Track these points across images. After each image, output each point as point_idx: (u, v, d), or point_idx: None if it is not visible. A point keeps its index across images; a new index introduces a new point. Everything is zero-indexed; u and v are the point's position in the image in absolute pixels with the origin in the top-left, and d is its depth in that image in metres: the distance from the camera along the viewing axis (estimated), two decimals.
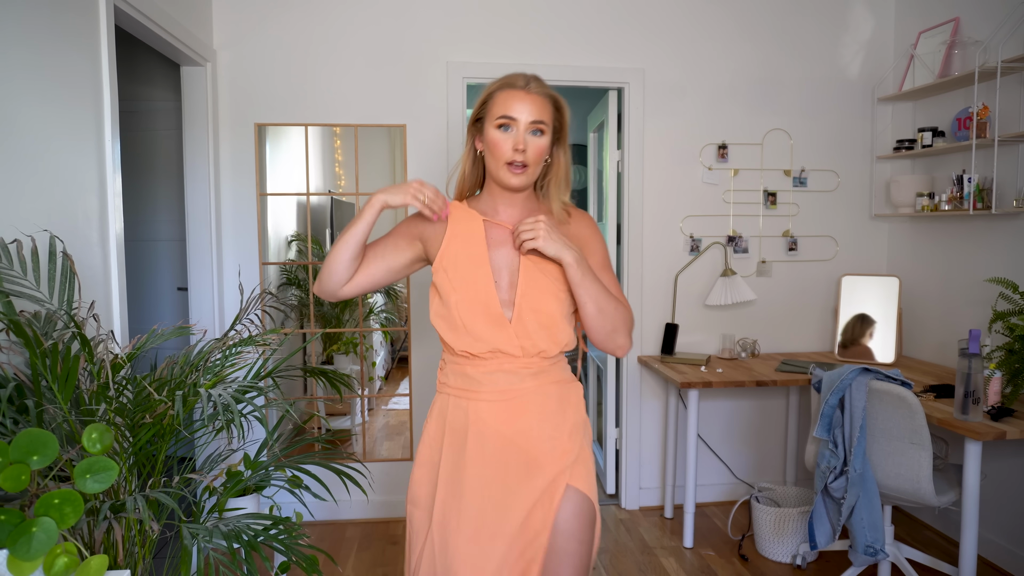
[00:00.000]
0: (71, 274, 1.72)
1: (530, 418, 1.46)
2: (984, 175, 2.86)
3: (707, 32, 3.38)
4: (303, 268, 3.75)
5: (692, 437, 2.98)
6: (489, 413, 1.46)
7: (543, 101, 1.44)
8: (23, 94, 1.78)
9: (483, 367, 1.46)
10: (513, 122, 1.42)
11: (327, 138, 3.79)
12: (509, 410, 1.46)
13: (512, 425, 1.46)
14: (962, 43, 2.96)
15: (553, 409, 1.49)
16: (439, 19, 3.22)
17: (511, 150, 1.42)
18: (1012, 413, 2.33)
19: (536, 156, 1.44)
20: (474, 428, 1.46)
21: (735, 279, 3.34)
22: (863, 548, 2.32)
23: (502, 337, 1.43)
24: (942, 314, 3.22)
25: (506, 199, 1.52)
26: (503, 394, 1.47)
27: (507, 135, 1.42)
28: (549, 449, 1.46)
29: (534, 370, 1.48)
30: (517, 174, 1.44)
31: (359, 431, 3.82)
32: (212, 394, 1.58)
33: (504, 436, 1.46)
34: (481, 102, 1.47)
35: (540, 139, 1.44)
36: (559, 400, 1.50)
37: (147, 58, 3.92)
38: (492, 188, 1.52)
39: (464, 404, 1.48)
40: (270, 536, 1.68)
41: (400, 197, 1.41)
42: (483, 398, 1.47)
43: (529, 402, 1.47)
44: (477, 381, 1.47)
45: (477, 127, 1.50)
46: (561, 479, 1.44)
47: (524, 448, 1.45)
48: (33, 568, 1.11)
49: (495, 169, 1.46)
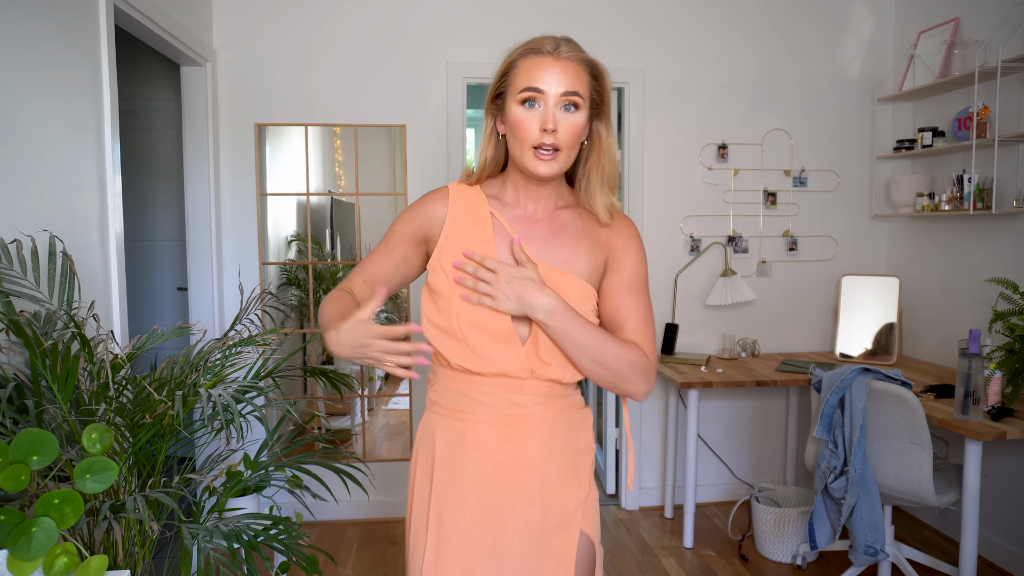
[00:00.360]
0: (71, 274, 1.72)
1: (535, 447, 1.24)
2: (984, 175, 2.86)
3: (707, 32, 3.38)
4: (303, 268, 3.75)
5: (692, 437, 2.98)
6: (487, 438, 1.24)
7: (577, 68, 1.16)
8: (23, 94, 1.78)
9: (482, 387, 1.23)
10: (540, 95, 1.15)
11: (327, 138, 3.78)
12: (511, 436, 1.24)
13: (513, 453, 1.24)
14: (962, 43, 2.96)
15: (561, 437, 1.26)
16: (439, 19, 3.22)
17: (538, 130, 1.15)
18: (1012, 413, 2.33)
19: (570, 137, 1.16)
20: (471, 455, 1.24)
21: (735, 279, 3.34)
22: (863, 548, 2.32)
23: (510, 357, 1.20)
24: (942, 314, 3.21)
25: (530, 190, 1.25)
26: (505, 417, 1.24)
27: (533, 112, 1.15)
28: (559, 485, 1.25)
29: (543, 395, 1.25)
30: (546, 159, 1.16)
31: (359, 431, 3.82)
32: (212, 394, 1.58)
33: (504, 467, 1.23)
34: (501, 73, 1.20)
35: (574, 116, 1.16)
36: (568, 429, 1.28)
37: (147, 58, 3.92)
38: (515, 176, 1.25)
39: (459, 426, 1.25)
40: (270, 536, 1.68)
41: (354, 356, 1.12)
42: (481, 419, 1.24)
43: (535, 428, 1.24)
44: (475, 401, 1.24)
45: (497, 104, 1.23)
46: (574, 524, 1.25)
47: (529, 483, 1.24)
48: (33, 568, 1.11)
49: (520, 155, 1.18)
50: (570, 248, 1.25)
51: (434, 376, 1.30)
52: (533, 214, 1.26)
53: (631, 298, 1.25)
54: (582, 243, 1.26)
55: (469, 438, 1.24)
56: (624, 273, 1.26)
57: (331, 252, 3.95)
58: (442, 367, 1.27)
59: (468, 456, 1.23)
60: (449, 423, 1.26)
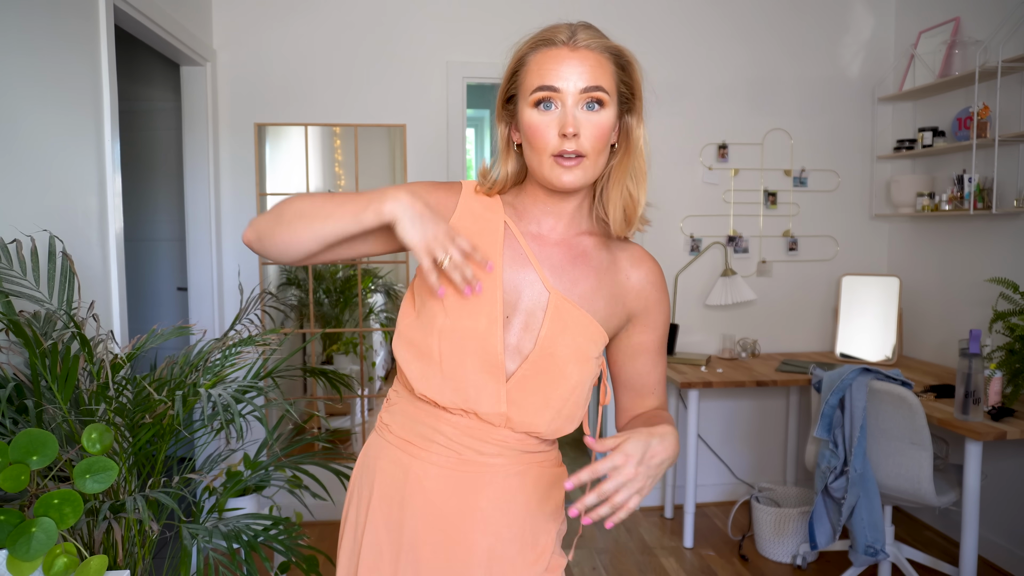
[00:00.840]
0: (71, 274, 1.72)
1: (488, 505, 1.03)
2: (984, 175, 2.86)
3: (707, 32, 3.38)
4: (303, 268, 3.75)
5: (692, 437, 2.98)
6: (436, 482, 1.03)
7: (598, 58, 0.97)
8: (23, 94, 1.78)
9: (443, 423, 1.03)
10: (556, 95, 0.95)
11: (327, 138, 3.78)
12: (464, 484, 1.03)
13: (462, 508, 1.03)
14: (962, 43, 2.96)
15: (523, 500, 1.06)
16: (439, 19, 3.22)
17: (557, 136, 0.95)
18: (1012, 413, 2.33)
19: (596, 141, 0.96)
20: (412, 501, 1.04)
21: (735, 279, 3.34)
22: (863, 548, 2.32)
23: (487, 394, 1.00)
24: (942, 314, 3.21)
25: (550, 204, 1.05)
26: (462, 463, 1.03)
27: (549, 116, 0.96)
28: (514, 554, 1.05)
29: (512, 448, 1.04)
30: (570, 167, 0.96)
31: (359, 431, 3.82)
32: (212, 394, 1.58)
33: (451, 522, 1.03)
34: (511, 72, 1.02)
35: (599, 115, 0.96)
36: (533, 489, 1.07)
37: (147, 58, 3.92)
38: (534, 188, 1.05)
39: (405, 461, 1.05)
40: (270, 536, 1.68)
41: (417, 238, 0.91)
42: (432, 460, 1.03)
43: (491, 482, 1.03)
44: (428, 437, 1.04)
45: (509, 110, 1.04)
46: None
47: (480, 548, 1.03)
48: (33, 568, 1.11)
49: (538, 166, 0.99)
50: (591, 283, 1.05)
51: (395, 395, 1.11)
52: (550, 233, 1.06)
53: (660, 360, 1.12)
54: (604, 281, 1.06)
55: (414, 478, 1.04)
56: (657, 332, 1.10)
57: None
58: (402, 387, 1.09)
59: (409, 500, 1.04)
60: (395, 454, 1.06)
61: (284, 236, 1.00)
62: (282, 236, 1.00)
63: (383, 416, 1.11)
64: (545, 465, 1.09)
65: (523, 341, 1.02)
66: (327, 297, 3.86)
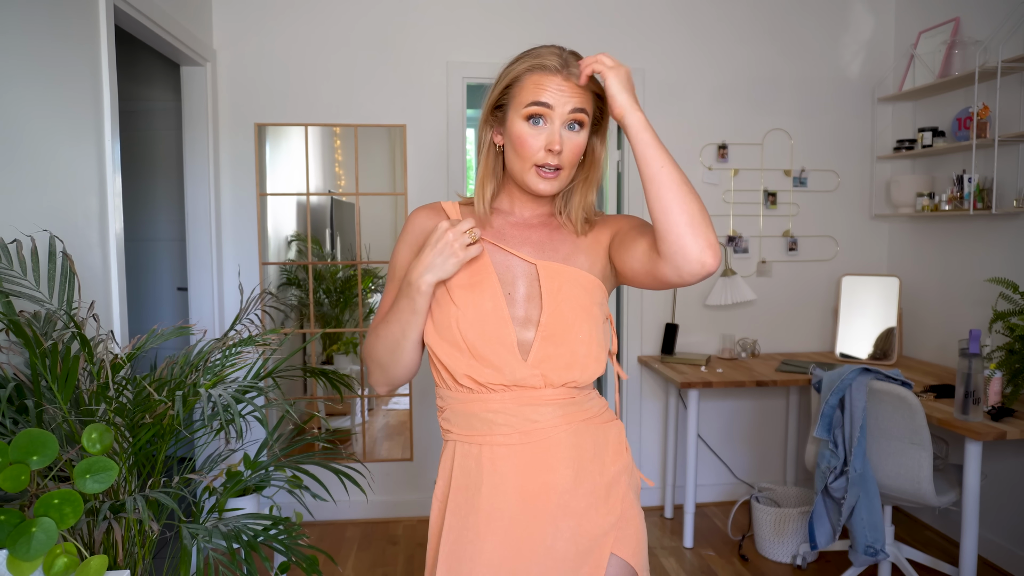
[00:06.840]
0: (71, 274, 1.72)
1: (560, 467, 1.16)
2: (984, 175, 2.86)
3: (707, 32, 3.38)
4: (303, 268, 3.75)
5: (692, 437, 2.98)
6: (505, 462, 1.16)
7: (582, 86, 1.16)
8: (23, 94, 1.78)
9: (492, 404, 1.17)
10: (547, 113, 1.13)
11: (327, 138, 3.78)
12: (533, 456, 1.16)
13: (537, 477, 1.16)
14: (962, 43, 2.96)
15: (589, 456, 1.19)
16: (439, 19, 3.22)
17: (542, 149, 1.14)
18: (1012, 413, 2.33)
19: (573, 157, 1.16)
20: (489, 481, 1.16)
21: (735, 279, 3.34)
22: (863, 548, 2.32)
23: (515, 361, 1.15)
24: (942, 314, 3.21)
25: (526, 201, 1.25)
26: (524, 435, 1.16)
27: (538, 130, 1.14)
28: (585, 508, 1.16)
29: (561, 405, 1.18)
30: (548, 178, 1.16)
31: (359, 431, 3.82)
32: (212, 394, 1.58)
33: (527, 492, 1.15)
34: (504, 86, 1.17)
35: (578, 134, 1.15)
36: (595, 443, 1.20)
37: (147, 58, 3.92)
38: (512, 187, 1.25)
39: (476, 450, 1.18)
40: (270, 536, 1.68)
41: (449, 264, 1.13)
42: (498, 441, 1.17)
43: (557, 445, 1.17)
44: (487, 421, 1.17)
45: (496, 117, 1.21)
46: (603, 548, 1.16)
47: (553, 508, 1.15)
48: (33, 568, 1.11)
49: (520, 171, 1.17)
50: (568, 246, 1.24)
51: (442, 402, 1.23)
52: (529, 220, 1.26)
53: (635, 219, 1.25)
54: (580, 243, 1.25)
55: (487, 461, 1.16)
56: (620, 221, 1.26)
57: (331, 252, 3.95)
58: (447, 389, 1.21)
59: (486, 482, 1.16)
60: (464, 447, 1.19)
61: (395, 370, 1.22)
62: (394, 371, 1.22)
63: (442, 424, 1.25)
64: (598, 423, 1.23)
65: (530, 311, 1.18)
66: (327, 297, 3.86)
